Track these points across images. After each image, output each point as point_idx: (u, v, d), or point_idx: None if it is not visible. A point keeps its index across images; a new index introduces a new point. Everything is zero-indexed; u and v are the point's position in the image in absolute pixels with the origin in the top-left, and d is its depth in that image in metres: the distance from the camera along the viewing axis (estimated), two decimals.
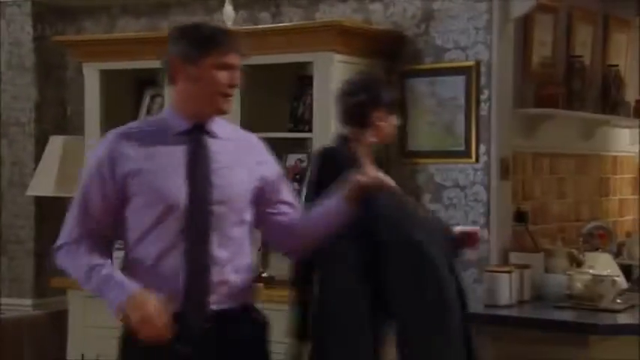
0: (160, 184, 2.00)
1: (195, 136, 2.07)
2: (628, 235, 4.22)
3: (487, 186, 3.36)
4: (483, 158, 3.36)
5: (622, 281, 3.15)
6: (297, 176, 3.46)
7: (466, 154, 3.38)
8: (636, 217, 4.43)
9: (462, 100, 3.37)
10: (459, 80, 3.38)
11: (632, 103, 4.25)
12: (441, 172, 3.45)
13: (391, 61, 3.52)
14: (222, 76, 2.03)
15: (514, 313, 3.03)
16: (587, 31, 4.01)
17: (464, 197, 3.40)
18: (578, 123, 3.95)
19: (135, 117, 3.83)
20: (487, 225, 3.35)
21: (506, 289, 3.09)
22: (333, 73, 3.26)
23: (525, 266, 3.23)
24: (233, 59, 2.04)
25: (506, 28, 3.38)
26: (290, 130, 3.51)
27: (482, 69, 3.36)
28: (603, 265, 3.24)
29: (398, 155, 3.52)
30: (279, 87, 3.55)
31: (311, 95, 3.35)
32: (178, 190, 1.99)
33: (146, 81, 3.85)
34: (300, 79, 3.52)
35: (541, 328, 2.89)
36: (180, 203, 1.99)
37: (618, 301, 3.02)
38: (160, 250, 2.00)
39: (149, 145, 2.02)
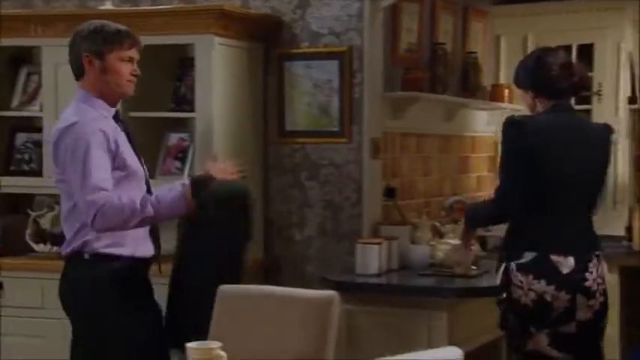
0: (130, 161, 2.55)
1: (120, 118, 2.63)
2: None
3: (359, 164, 3.58)
4: (356, 138, 3.57)
5: (478, 250, 3.47)
6: (180, 155, 3.55)
7: (340, 134, 3.58)
8: (492, 192, 4.83)
9: (336, 83, 3.57)
10: (334, 64, 3.57)
11: (489, 88, 4.62)
12: (317, 151, 3.64)
13: (269, 45, 3.67)
14: (126, 67, 2.56)
15: (383, 280, 3.29)
16: (448, 20, 4.32)
17: (338, 175, 3.62)
18: (441, 105, 4.25)
19: (10, 94, 3.79)
20: (360, 201, 3.58)
21: (376, 259, 3.34)
22: (213, 55, 3.36)
23: (393, 238, 3.49)
24: (133, 53, 2.58)
25: (376, 16, 3.60)
26: (172, 110, 3.57)
27: (355, 54, 3.57)
28: None
29: (276, 135, 3.69)
30: (161, 68, 3.60)
31: (192, 76, 3.44)
32: (138, 165, 2.58)
33: (21, 59, 3.80)
34: (182, 61, 3.59)
35: (406, 293, 3.17)
36: (142, 174, 2.59)
37: (474, 267, 3.35)
38: None
39: (110, 129, 2.52)
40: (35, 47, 3.69)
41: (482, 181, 4.75)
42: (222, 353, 1.92)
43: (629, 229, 4.43)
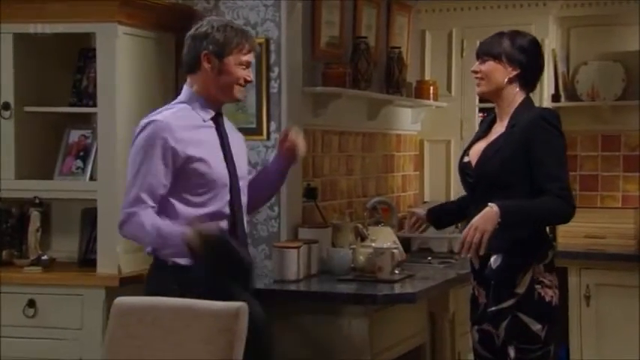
0: (209, 168, 2.48)
1: (219, 123, 2.58)
2: (410, 209, 4.49)
3: None
4: (274, 135, 3.39)
5: (400, 253, 3.33)
6: (81, 153, 3.30)
7: (257, 131, 3.39)
8: (417, 192, 4.73)
9: (252, 77, 3.37)
10: None
11: (413, 84, 4.51)
12: None
13: (181, 35, 3.42)
14: (241, 72, 2.54)
15: (301, 287, 3.10)
16: (371, 14, 4.18)
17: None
18: (365, 102, 4.11)
19: None
20: (278, 202, 3.39)
21: (294, 264, 3.15)
22: (117, 45, 3.12)
23: (314, 241, 3.31)
24: (250, 58, 2.56)
25: (294, 7, 3.43)
26: (72, 105, 3.33)
27: (272, 47, 3.38)
28: (385, 238, 3.41)
29: None
30: (60, 59, 3.36)
31: (95, 68, 3.20)
32: (222, 170, 2.52)
33: None
34: (83, 51, 3.34)
35: (325, 300, 2.99)
36: (226, 181, 2.51)
37: (396, 272, 3.20)
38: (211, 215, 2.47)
39: (193, 132, 2.48)
40: None
41: (408, 181, 4.64)
42: None
43: (552, 228, 4.39)
